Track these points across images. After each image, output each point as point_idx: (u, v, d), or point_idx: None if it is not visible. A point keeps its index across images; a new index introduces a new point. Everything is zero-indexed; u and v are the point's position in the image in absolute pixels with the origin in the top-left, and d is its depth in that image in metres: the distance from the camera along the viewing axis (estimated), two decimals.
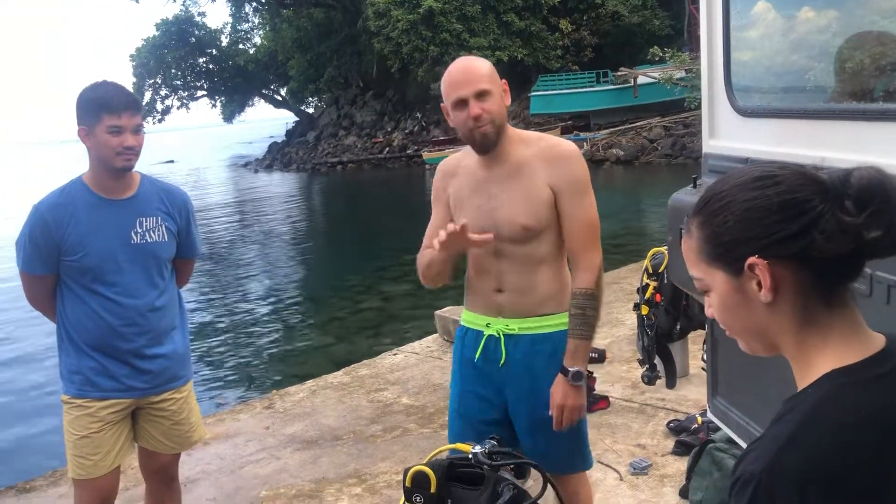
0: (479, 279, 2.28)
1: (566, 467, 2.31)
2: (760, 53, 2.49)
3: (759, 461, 0.85)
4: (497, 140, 2.16)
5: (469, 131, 2.14)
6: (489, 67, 2.19)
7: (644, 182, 20.24)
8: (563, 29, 30.01)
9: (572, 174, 2.17)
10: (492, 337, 2.26)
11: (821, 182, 0.89)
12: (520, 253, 2.20)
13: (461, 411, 2.35)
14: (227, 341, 8.78)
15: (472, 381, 2.32)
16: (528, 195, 2.17)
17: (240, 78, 41.48)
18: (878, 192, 0.87)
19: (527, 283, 2.21)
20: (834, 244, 0.87)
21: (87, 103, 2.45)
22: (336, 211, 22.37)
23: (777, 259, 0.90)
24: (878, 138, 1.74)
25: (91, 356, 2.52)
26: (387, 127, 35.86)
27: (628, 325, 5.42)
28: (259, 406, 4.87)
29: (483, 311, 2.29)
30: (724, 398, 2.43)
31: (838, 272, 0.90)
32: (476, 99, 2.11)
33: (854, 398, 0.87)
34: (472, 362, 2.30)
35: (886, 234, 0.86)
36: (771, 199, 0.89)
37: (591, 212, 2.19)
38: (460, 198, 2.27)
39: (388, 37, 29.19)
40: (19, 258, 2.53)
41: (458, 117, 2.16)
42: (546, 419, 2.23)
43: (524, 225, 2.16)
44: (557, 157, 2.17)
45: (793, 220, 0.88)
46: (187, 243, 2.70)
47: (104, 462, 2.56)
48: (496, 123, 2.14)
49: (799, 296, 0.92)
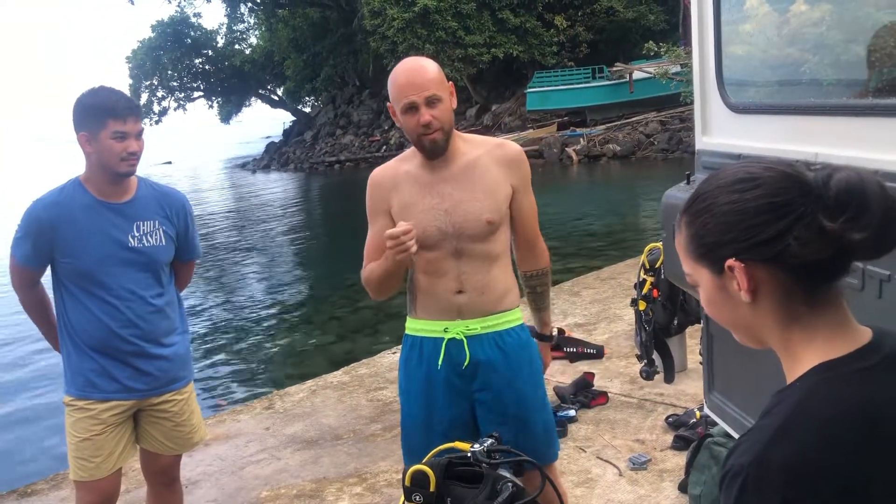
0: (436, 283, 2.26)
1: (542, 458, 2.31)
2: (753, 48, 2.49)
3: (747, 454, 0.86)
4: (445, 147, 2.19)
5: (418, 137, 2.16)
6: (437, 70, 2.19)
7: (641, 177, 20.22)
8: (559, 25, 29.94)
9: (525, 172, 2.31)
10: (453, 341, 2.24)
11: (804, 183, 0.89)
12: (480, 250, 2.23)
13: (430, 423, 2.30)
14: (226, 341, 8.78)
15: (440, 389, 2.27)
16: (488, 191, 2.21)
17: (236, 78, 41.39)
18: (855, 196, 0.86)
19: (486, 281, 2.24)
20: (809, 249, 0.87)
21: (90, 109, 2.45)
22: (334, 209, 22.34)
23: (755, 261, 0.90)
24: (871, 133, 1.75)
25: (92, 358, 2.53)
26: (384, 125, 35.79)
27: (626, 320, 5.44)
28: (259, 406, 4.88)
29: (439, 316, 2.27)
30: (720, 393, 2.45)
31: (819, 274, 0.90)
32: (426, 106, 2.12)
33: (839, 392, 0.88)
34: (436, 371, 2.27)
35: (864, 239, 0.86)
36: (748, 202, 0.90)
37: (535, 203, 2.37)
38: (407, 204, 2.24)
39: (383, 35, 29.13)
40: (13, 245, 2.54)
41: (407, 122, 2.16)
42: (519, 414, 2.27)
43: (488, 219, 2.21)
44: (512, 158, 2.28)
45: (769, 225, 0.88)
46: (186, 246, 2.71)
47: (106, 464, 2.57)
48: (445, 130, 2.16)
49: (780, 297, 0.92)
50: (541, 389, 2.36)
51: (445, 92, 2.17)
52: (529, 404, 2.30)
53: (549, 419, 2.38)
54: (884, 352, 0.91)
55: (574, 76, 28.74)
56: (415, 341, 2.34)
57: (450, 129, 2.18)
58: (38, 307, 2.64)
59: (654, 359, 3.88)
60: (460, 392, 2.28)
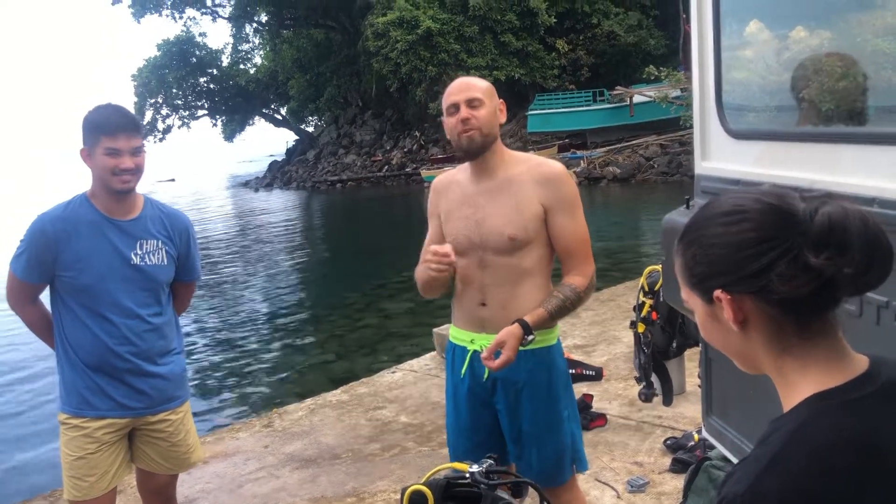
0: (464, 292, 2.34)
1: (551, 479, 2.35)
2: (753, 74, 2.51)
3: (740, 483, 0.86)
4: (481, 148, 2.26)
5: (457, 135, 2.27)
6: (488, 85, 2.33)
7: (641, 200, 20.27)
8: (560, 49, 30.20)
9: (563, 192, 2.29)
10: (476, 353, 2.31)
11: (791, 216, 0.88)
12: (504, 264, 2.27)
13: (458, 428, 2.42)
14: (226, 359, 8.76)
15: (463, 398, 2.38)
16: (516, 208, 2.26)
17: (240, 97, 41.66)
18: (838, 233, 0.86)
19: (510, 297, 2.27)
20: (791, 285, 0.87)
21: (88, 125, 2.50)
22: (335, 228, 22.38)
23: (742, 294, 0.91)
24: (869, 161, 1.76)
25: (88, 375, 2.53)
26: (386, 145, 35.97)
27: (625, 342, 5.44)
28: (258, 424, 4.87)
29: (466, 326, 2.36)
30: (718, 417, 2.44)
31: (806, 308, 0.90)
32: (467, 105, 2.24)
33: (834, 422, 0.87)
34: (461, 378, 2.37)
35: (847, 276, 0.86)
36: (733, 236, 0.90)
37: (584, 226, 2.32)
38: (450, 210, 2.36)
39: (386, 57, 29.36)
40: (14, 260, 2.54)
41: (449, 121, 2.29)
42: (532, 432, 2.30)
43: (510, 235, 2.25)
44: (548, 177, 2.29)
45: (753, 260, 0.88)
46: (187, 267, 2.73)
47: (100, 483, 2.56)
48: (483, 131, 2.24)
49: (769, 327, 0.92)
50: (558, 412, 2.34)
51: (491, 102, 2.29)
52: (543, 425, 2.32)
53: (564, 442, 2.35)
54: (880, 381, 0.91)
55: (575, 99, 28.94)
56: (450, 347, 2.45)
57: (489, 132, 2.27)
58: (41, 322, 2.64)
59: (652, 381, 3.87)
60: (483, 401, 2.37)
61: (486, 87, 2.30)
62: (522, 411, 2.31)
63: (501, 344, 2.15)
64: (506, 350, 2.14)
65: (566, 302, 2.27)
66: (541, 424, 2.32)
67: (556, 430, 2.34)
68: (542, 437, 2.32)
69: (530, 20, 29.24)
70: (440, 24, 28.70)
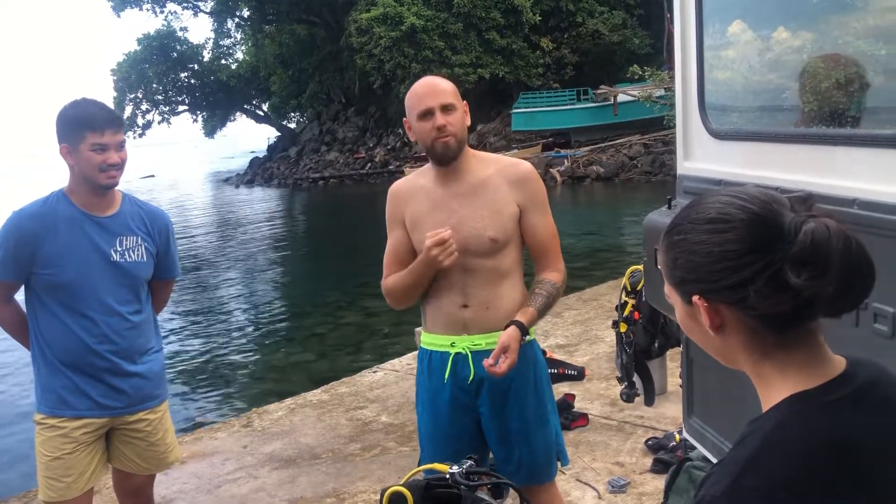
0: (444, 296, 2.31)
1: (542, 476, 2.35)
2: (735, 74, 2.51)
3: (718, 485, 0.86)
4: (457, 154, 2.26)
5: (432, 142, 2.24)
6: (453, 86, 2.31)
7: (624, 199, 20.38)
8: (545, 47, 30.29)
9: (535, 191, 2.32)
10: (459, 355, 2.29)
11: (776, 229, 0.87)
12: (485, 266, 2.27)
13: (436, 437, 2.36)
14: (205, 358, 8.69)
15: (445, 405, 2.33)
16: (494, 209, 2.26)
17: (221, 93, 41.38)
18: (820, 253, 0.84)
19: (492, 297, 2.28)
20: (768, 303, 0.86)
21: (69, 121, 2.44)
22: (317, 226, 22.28)
23: (719, 302, 0.91)
24: (851, 163, 1.77)
25: (65, 374, 2.49)
26: (369, 143, 35.90)
27: (607, 342, 5.44)
28: (237, 424, 4.83)
29: (445, 330, 2.32)
30: (699, 418, 2.45)
31: (785, 321, 0.89)
32: (442, 111, 2.22)
33: (811, 423, 0.88)
34: (442, 385, 2.32)
35: (826, 297, 0.85)
36: (714, 246, 0.89)
37: (553, 224, 2.36)
38: (418, 217, 2.32)
39: (370, 53, 29.29)
40: None
41: (422, 127, 2.25)
42: (521, 430, 2.29)
43: (491, 237, 2.25)
44: (521, 177, 2.31)
45: (733, 272, 0.87)
46: (166, 264, 2.69)
47: (77, 484, 2.52)
48: (458, 137, 2.24)
49: (747, 335, 0.92)
50: (545, 407, 2.36)
51: (460, 105, 2.27)
52: (532, 421, 2.32)
53: (552, 437, 2.38)
54: (856, 382, 0.91)
55: (559, 98, 29.04)
56: (424, 354, 2.39)
57: (462, 138, 2.26)
58: (16, 322, 2.59)
59: (634, 381, 3.88)
60: (465, 407, 2.32)
61: (454, 90, 2.29)
62: (510, 410, 2.30)
63: (506, 348, 2.15)
64: (510, 353, 2.14)
65: (549, 298, 2.31)
66: (530, 421, 2.32)
67: (545, 425, 2.35)
68: (531, 434, 2.32)
69: (515, 18, 29.30)
70: (424, 21, 28.67)
